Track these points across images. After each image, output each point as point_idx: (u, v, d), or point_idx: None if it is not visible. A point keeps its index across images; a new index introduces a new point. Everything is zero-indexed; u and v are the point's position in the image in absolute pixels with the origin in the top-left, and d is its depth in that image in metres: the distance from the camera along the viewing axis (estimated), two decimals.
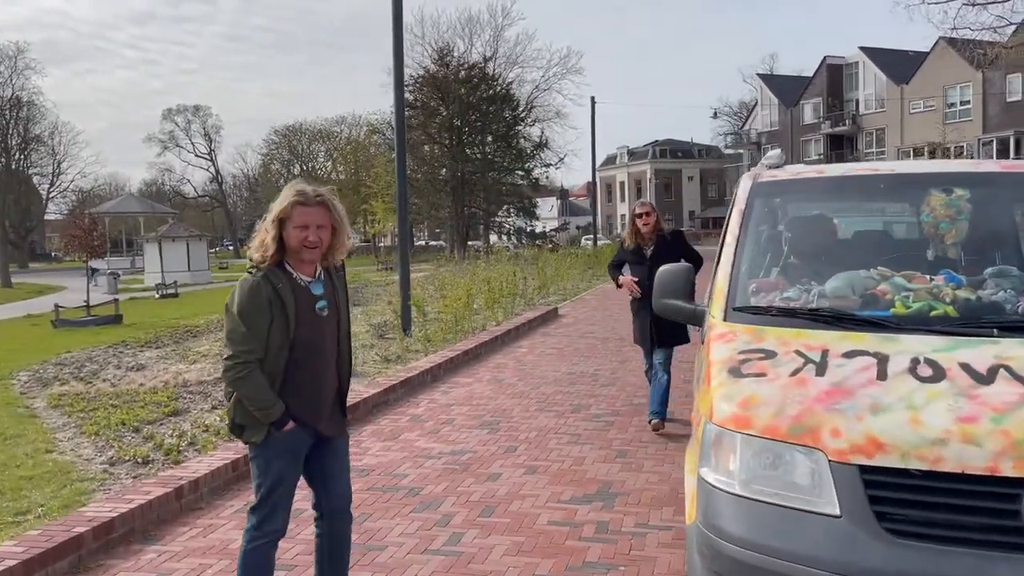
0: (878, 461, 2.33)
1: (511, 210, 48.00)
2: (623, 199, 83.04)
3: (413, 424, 7.05)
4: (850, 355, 2.67)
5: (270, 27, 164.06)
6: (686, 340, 6.45)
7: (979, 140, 47.25)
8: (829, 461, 2.38)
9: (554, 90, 61.31)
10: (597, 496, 5.08)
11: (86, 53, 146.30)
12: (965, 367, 2.51)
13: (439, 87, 43.66)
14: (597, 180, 46.29)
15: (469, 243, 45.71)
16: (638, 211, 6.58)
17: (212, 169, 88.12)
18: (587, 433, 6.60)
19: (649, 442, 6.28)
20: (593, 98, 41.23)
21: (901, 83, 53.90)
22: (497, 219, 47.77)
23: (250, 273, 3.06)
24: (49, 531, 4.28)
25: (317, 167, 78.05)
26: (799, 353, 2.73)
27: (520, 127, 46.87)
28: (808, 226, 3.63)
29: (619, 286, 6.81)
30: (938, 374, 2.50)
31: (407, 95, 44.60)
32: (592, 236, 47.68)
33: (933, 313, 2.86)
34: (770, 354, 2.76)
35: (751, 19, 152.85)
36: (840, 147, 57.33)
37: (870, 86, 57.77)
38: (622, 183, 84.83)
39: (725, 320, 3.07)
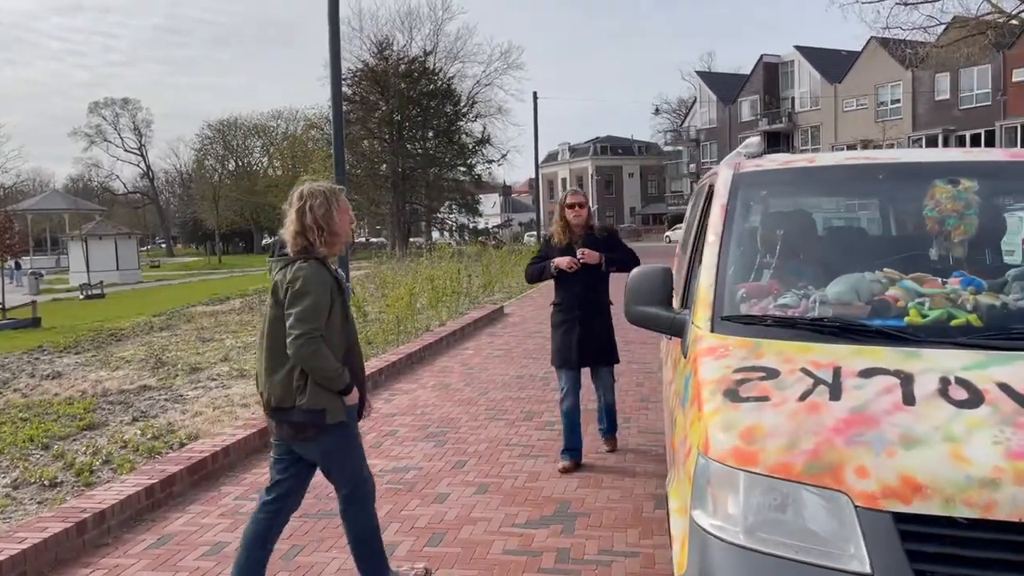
0: (917, 507, 1.92)
1: (453, 206, 47.43)
2: None
3: None
4: (867, 374, 2.27)
5: (203, 19, 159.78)
6: (617, 359, 5.69)
7: (909, 138, 48.42)
8: (855, 507, 1.97)
9: (496, 85, 60.93)
10: (555, 518, 4.64)
11: (6, 44, 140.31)
12: (1005, 388, 2.13)
13: (378, 81, 42.83)
14: (539, 176, 45.99)
15: (411, 240, 44.97)
16: (569, 200, 5.51)
17: (143, 165, 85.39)
18: (541, 444, 6.16)
19: (607, 454, 5.87)
20: (535, 93, 40.87)
21: (835, 82, 54.97)
22: (439, 215, 47.14)
23: (305, 262, 3.30)
24: None
25: (253, 163, 76.17)
26: (806, 372, 2.32)
27: (462, 123, 46.34)
28: (801, 222, 3.23)
29: (553, 276, 5.51)
30: (975, 397, 2.12)
31: (345, 89, 43.77)
32: (535, 232, 47.33)
33: (954, 323, 2.48)
34: (772, 373, 2.34)
35: (689, 16, 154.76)
36: (777, 144, 58.19)
37: (805, 84, 58.80)
38: (564, 179, 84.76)
39: (713, 331, 2.65)
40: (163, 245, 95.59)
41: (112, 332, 14.46)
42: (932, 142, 47.29)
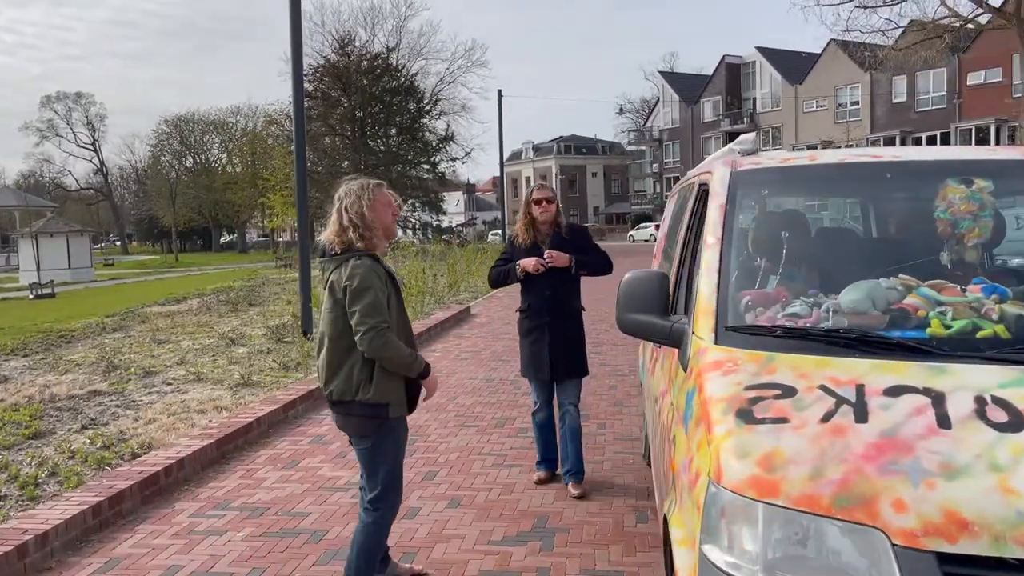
0: (964, 547, 1.72)
1: (417, 204, 46.90)
2: None
3: (316, 447, 6.20)
4: (894, 392, 2.06)
5: (159, 12, 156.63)
6: (587, 371, 5.18)
7: (867, 139, 49.11)
8: (893, 545, 1.76)
9: (459, 83, 60.48)
10: (533, 533, 4.40)
11: None
12: None
13: (340, 77, 42.15)
14: (504, 174, 45.68)
15: None
16: (536, 195, 5.04)
17: (96, 160, 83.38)
18: (514, 452, 5.91)
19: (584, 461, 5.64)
20: (500, 91, 40.56)
21: (795, 83, 55.58)
22: (402, 213, 46.62)
23: (358, 259, 3.37)
24: None
25: (212, 159, 74.73)
26: (826, 390, 2.10)
27: (425, 120, 45.80)
28: (806, 224, 3.03)
29: (519, 279, 5.02)
30: (1016, 420, 1.92)
31: (307, 85, 42.94)
32: (499, 231, 47.08)
33: (980, 334, 2.29)
34: (788, 391, 2.13)
35: (652, 17, 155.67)
36: None
37: (766, 85, 59.36)
38: (528, 178, 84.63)
39: (717, 343, 2.42)
40: (118, 243, 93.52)
41: (62, 334, 13.91)
42: (889, 144, 48.04)
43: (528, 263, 4.94)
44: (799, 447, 1.94)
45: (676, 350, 2.74)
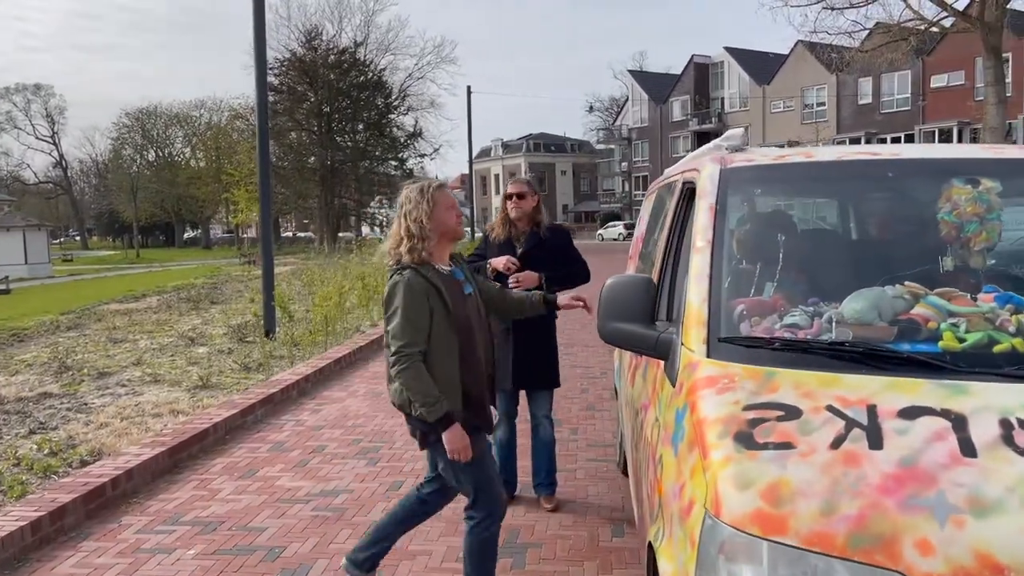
0: None
1: (384, 201, 46.46)
2: (497, 192, 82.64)
3: (275, 454, 5.91)
4: (909, 414, 1.86)
5: (125, 5, 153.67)
6: (558, 383, 4.79)
7: (833, 140, 49.56)
8: None
9: (428, 79, 60.29)
10: (504, 549, 4.15)
11: None
12: None
13: (306, 71, 41.60)
14: (472, 172, 45.38)
15: (340, 235, 43.90)
16: (509, 190, 4.80)
17: (55, 153, 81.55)
18: None
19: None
20: (469, 87, 40.27)
21: (763, 83, 55.97)
22: (370, 210, 46.09)
23: (398, 273, 3.18)
24: None
25: (175, 153, 73.39)
26: (834, 411, 1.90)
27: (393, 116, 45.42)
28: (802, 226, 2.84)
29: (489, 278, 4.50)
30: None
31: (272, 79, 42.35)
32: (468, 228, 46.73)
33: (997, 349, 2.10)
34: (792, 411, 1.92)
35: (621, 15, 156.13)
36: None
37: (734, 85, 59.71)
38: (497, 175, 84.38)
39: (710, 356, 2.21)
40: (77, 238, 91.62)
41: (14, 332, 13.42)
42: (855, 144, 48.54)
43: (498, 262, 4.56)
44: (808, 477, 1.74)
45: (664, 363, 2.52)
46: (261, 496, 5.02)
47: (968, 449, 1.75)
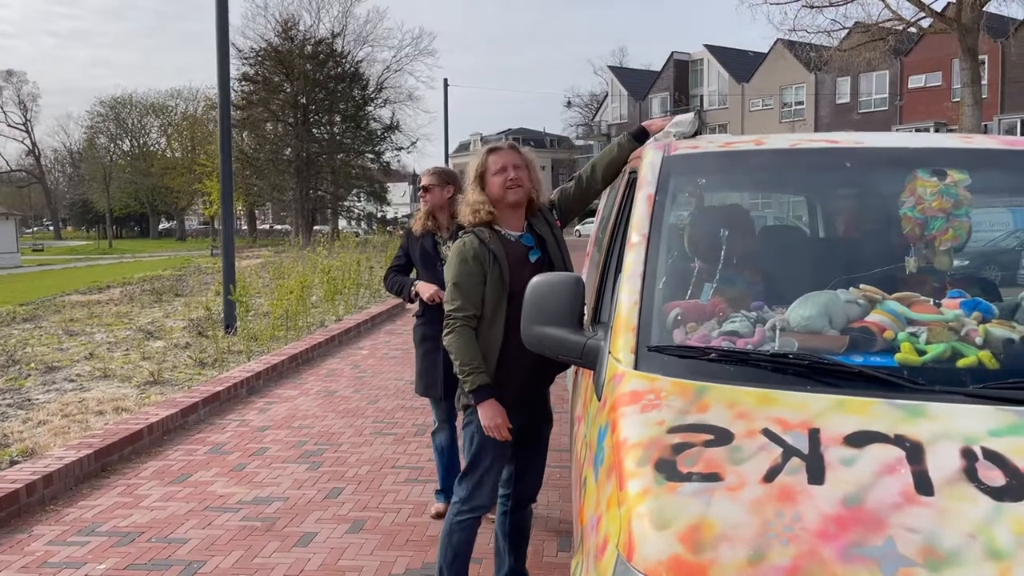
0: None
1: (361, 194, 45.92)
2: None
3: (212, 458, 5.59)
4: (857, 441, 1.59)
5: None
6: None
7: None
8: None
9: (406, 71, 59.78)
10: None
11: None
12: None
13: (283, 62, 40.95)
14: (451, 166, 44.92)
15: (315, 228, 43.35)
16: (423, 182, 4.31)
17: (28, 141, 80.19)
18: (430, 466, 5.36)
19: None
20: (446, 80, 39.74)
21: (742, 81, 55.96)
22: (346, 203, 45.54)
23: (459, 236, 3.09)
24: None
25: (150, 143, 72.30)
26: (771, 435, 1.63)
27: (370, 108, 44.82)
28: (749, 221, 2.57)
29: (411, 300, 4.33)
30: (1017, 482, 1.47)
31: (247, 69, 41.77)
32: None
33: (962, 363, 1.84)
34: (723, 436, 1.65)
35: (602, 11, 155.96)
36: None
37: (714, 83, 59.67)
38: None
39: (637, 368, 1.93)
40: (50, 228, 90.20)
41: None
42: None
43: (425, 290, 4.18)
44: (734, 517, 1.47)
45: (592, 373, 2.24)
46: (189, 504, 4.70)
47: (924, 485, 1.48)
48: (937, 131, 43.68)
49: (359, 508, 4.63)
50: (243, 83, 40.72)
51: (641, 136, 3.25)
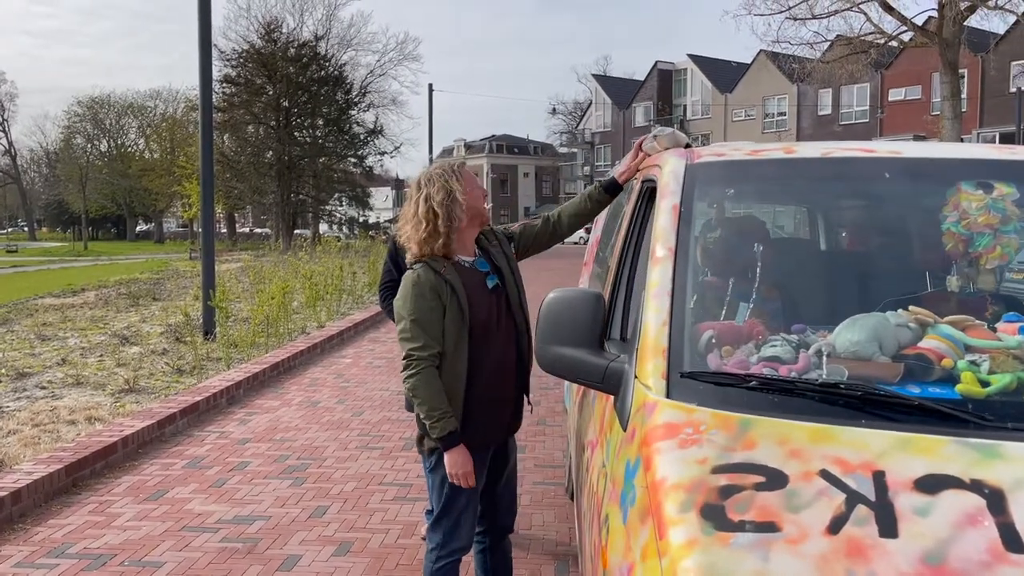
0: None
1: (343, 198, 45.51)
2: None
3: (190, 472, 5.35)
4: (930, 487, 1.42)
5: None
6: None
7: None
8: None
9: (390, 76, 59.39)
10: None
11: None
12: None
13: (265, 64, 40.52)
14: None
15: (296, 232, 42.92)
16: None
17: (4, 141, 79.06)
18: (420, 483, 5.17)
19: None
20: (431, 85, 39.60)
21: (726, 91, 56.22)
22: (327, 207, 45.13)
23: (411, 269, 2.87)
24: None
25: (128, 144, 71.43)
26: (830, 478, 1.45)
27: (353, 112, 44.45)
28: (782, 234, 2.40)
29: None
30: None
31: (229, 70, 41.32)
32: None
33: None
34: (775, 478, 1.47)
35: (586, 19, 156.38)
36: None
37: (697, 93, 59.91)
38: None
39: (670, 396, 1.75)
40: (25, 228, 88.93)
41: None
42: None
43: None
44: (798, 575, 1.28)
45: (613, 398, 2.06)
46: (165, 523, 4.46)
47: (1012, 541, 1.31)
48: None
49: (345, 528, 4.41)
50: (225, 85, 40.28)
51: (612, 187, 3.11)
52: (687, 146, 2.69)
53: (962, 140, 29.55)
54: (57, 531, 4.34)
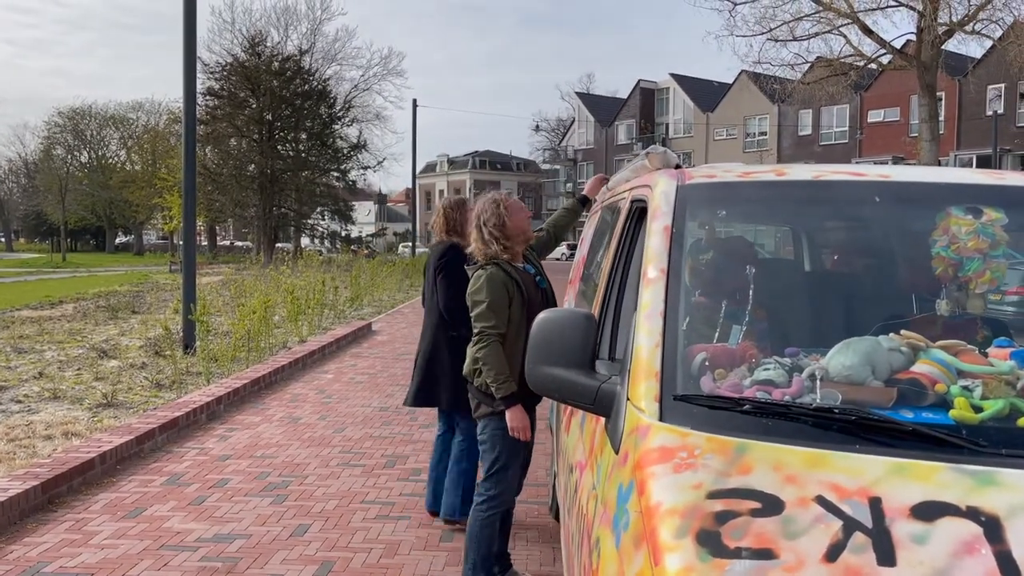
0: None
1: (325, 212, 45.39)
2: None
3: (169, 490, 5.27)
4: (926, 514, 1.41)
5: (62, 0, 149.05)
6: (459, 406, 4.35)
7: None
8: None
9: (374, 91, 59.54)
10: None
11: None
12: None
13: (249, 77, 40.45)
14: (417, 186, 44.69)
15: (278, 245, 42.71)
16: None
17: None
18: (404, 500, 5.13)
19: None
20: (415, 100, 39.69)
21: (707, 111, 56.75)
22: (310, 221, 44.99)
23: (483, 268, 3.57)
24: None
25: (109, 155, 70.90)
26: (826, 504, 1.44)
27: (337, 126, 44.47)
28: (773, 257, 2.41)
29: None
30: None
31: (212, 83, 41.18)
32: (410, 243, 45.95)
33: (1022, 422, 1.68)
34: (771, 504, 1.46)
35: (569, 38, 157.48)
36: None
37: (679, 111, 60.43)
38: (441, 191, 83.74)
39: (663, 419, 1.74)
40: (3, 239, 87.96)
41: None
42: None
43: None
44: None
45: (605, 421, 2.05)
46: (143, 541, 4.38)
47: (1010, 570, 1.30)
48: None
49: (327, 547, 4.36)
50: (208, 97, 40.14)
51: (583, 200, 4.36)
52: (677, 166, 2.70)
53: (940, 162, 29.94)
54: (32, 549, 4.26)
